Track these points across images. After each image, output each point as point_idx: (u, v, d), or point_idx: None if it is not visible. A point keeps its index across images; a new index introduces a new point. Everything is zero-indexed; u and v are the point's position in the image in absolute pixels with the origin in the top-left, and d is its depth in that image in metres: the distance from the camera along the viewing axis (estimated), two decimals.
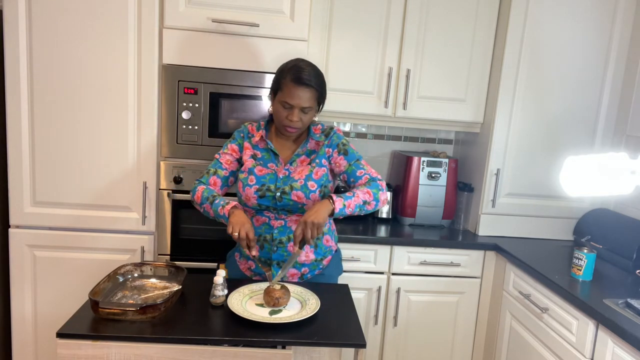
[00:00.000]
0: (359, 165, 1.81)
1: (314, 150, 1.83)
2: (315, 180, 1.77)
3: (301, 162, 1.81)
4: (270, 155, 1.82)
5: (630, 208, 2.45)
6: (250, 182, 1.77)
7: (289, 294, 1.59)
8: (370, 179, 1.77)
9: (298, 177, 1.77)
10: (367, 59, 2.52)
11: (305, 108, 1.72)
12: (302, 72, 1.71)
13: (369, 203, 1.71)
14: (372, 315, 2.47)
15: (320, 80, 1.76)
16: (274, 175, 1.78)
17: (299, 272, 1.83)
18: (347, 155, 1.81)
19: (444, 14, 2.51)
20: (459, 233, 2.63)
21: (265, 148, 1.83)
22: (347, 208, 1.66)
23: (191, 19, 2.14)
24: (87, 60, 2.11)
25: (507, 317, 2.35)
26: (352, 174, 1.80)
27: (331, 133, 1.84)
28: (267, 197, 1.75)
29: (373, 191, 1.73)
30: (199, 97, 2.20)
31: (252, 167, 1.80)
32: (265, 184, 1.76)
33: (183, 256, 2.28)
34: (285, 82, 1.72)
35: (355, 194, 1.70)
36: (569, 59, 2.49)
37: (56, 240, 2.21)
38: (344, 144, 1.83)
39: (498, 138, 2.54)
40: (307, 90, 1.71)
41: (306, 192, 1.75)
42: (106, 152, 2.18)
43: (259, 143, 1.84)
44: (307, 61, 1.78)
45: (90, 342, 1.36)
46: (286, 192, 1.74)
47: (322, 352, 1.51)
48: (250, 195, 1.76)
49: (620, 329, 1.61)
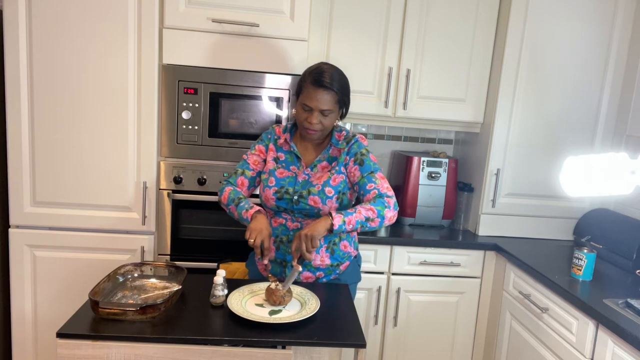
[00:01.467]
0: (371, 179, 1.76)
1: (335, 156, 1.83)
2: (333, 187, 1.77)
3: (322, 168, 1.82)
4: (294, 158, 1.83)
5: (630, 208, 2.45)
6: (270, 183, 1.79)
7: (291, 292, 1.60)
8: (378, 194, 1.73)
9: (316, 182, 1.77)
10: (367, 59, 2.52)
11: (324, 111, 1.73)
12: (322, 75, 1.72)
13: (372, 220, 1.67)
14: (372, 315, 2.47)
15: (342, 84, 1.76)
16: (293, 179, 1.79)
17: (314, 275, 1.83)
18: (362, 166, 1.78)
19: (444, 14, 2.51)
20: (459, 233, 2.63)
21: (289, 151, 1.84)
22: (347, 224, 1.64)
23: (191, 19, 2.14)
24: (87, 60, 2.11)
25: (507, 317, 2.35)
26: (362, 187, 1.76)
27: (352, 141, 1.82)
28: (285, 200, 1.77)
29: (377, 208, 1.68)
30: (199, 97, 2.20)
31: (274, 169, 1.82)
32: (284, 187, 1.78)
33: (183, 256, 2.28)
34: (305, 84, 1.74)
35: (357, 210, 1.67)
36: (569, 59, 2.49)
37: (56, 240, 2.21)
38: (363, 154, 1.79)
39: (498, 138, 2.54)
40: (326, 92, 1.71)
41: (323, 198, 1.75)
42: (106, 152, 2.18)
43: (283, 145, 1.85)
44: (330, 64, 1.79)
45: (90, 342, 1.36)
46: (304, 196, 1.76)
47: (322, 352, 1.51)
48: (269, 196, 1.78)
49: (620, 329, 1.61)
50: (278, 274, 1.83)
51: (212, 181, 2.25)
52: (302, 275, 1.82)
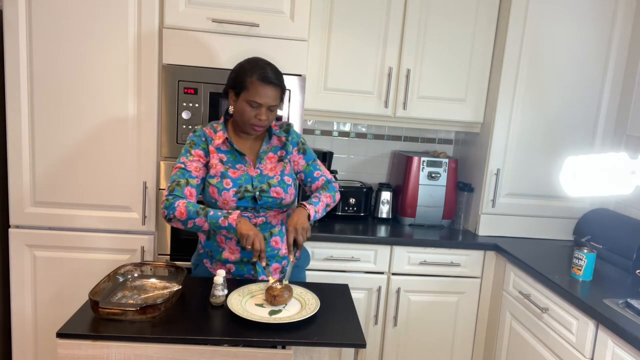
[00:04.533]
0: (316, 166, 1.90)
1: (278, 146, 1.86)
2: (289, 175, 1.83)
3: (269, 159, 1.83)
4: (236, 156, 1.80)
5: (630, 208, 2.46)
6: (226, 185, 1.75)
7: (291, 290, 1.60)
8: (326, 180, 1.89)
9: (273, 173, 1.80)
10: (367, 59, 2.52)
11: (272, 106, 1.74)
12: (267, 71, 1.71)
13: (329, 205, 1.84)
14: (372, 315, 2.47)
15: (282, 77, 1.77)
16: (247, 176, 1.78)
17: (280, 265, 1.85)
18: (305, 154, 1.89)
19: (444, 14, 2.51)
20: (459, 233, 2.63)
21: (229, 150, 1.80)
22: (317, 213, 1.76)
23: (191, 19, 2.14)
24: (87, 60, 2.11)
25: (507, 317, 2.35)
26: (309, 174, 1.89)
27: (290, 129, 1.88)
28: (246, 198, 1.76)
29: (332, 194, 1.85)
30: (199, 97, 2.20)
31: (225, 170, 1.76)
32: (242, 185, 1.76)
33: (183, 256, 2.28)
34: (251, 80, 1.70)
35: (320, 199, 1.80)
36: (569, 59, 2.49)
37: (56, 240, 2.21)
38: (303, 142, 1.90)
39: (498, 138, 2.54)
40: (274, 89, 1.72)
41: (284, 187, 1.79)
42: (106, 152, 2.18)
43: (221, 145, 1.79)
44: (265, 59, 1.78)
45: (90, 342, 1.36)
46: (264, 190, 1.77)
47: (322, 352, 1.51)
48: (229, 198, 1.74)
49: (620, 329, 1.61)
50: (246, 273, 1.82)
51: None
52: (272, 266, 1.83)
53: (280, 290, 1.56)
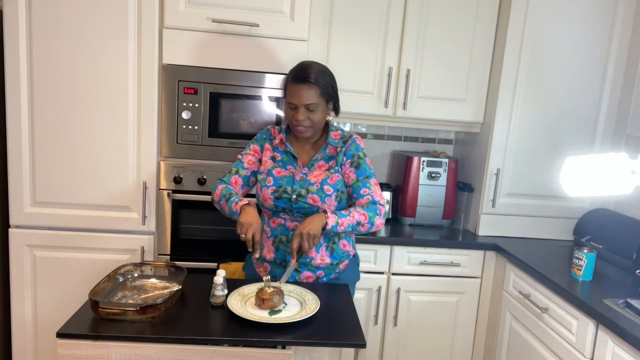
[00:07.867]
0: (366, 184, 1.78)
1: (332, 156, 1.83)
2: (331, 185, 1.77)
3: (319, 167, 1.81)
4: (290, 158, 1.83)
5: (630, 208, 2.45)
6: (268, 183, 1.79)
7: (282, 294, 1.56)
8: (371, 201, 1.76)
9: (314, 180, 1.77)
10: (367, 59, 2.52)
11: (309, 105, 1.72)
12: (301, 71, 1.73)
13: (362, 225, 1.71)
14: (372, 315, 2.47)
15: (324, 77, 1.75)
16: (291, 178, 1.79)
17: (314, 275, 1.83)
18: (358, 169, 1.80)
19: (444, 13, 2.51)
20: (459, 233, 2.63)
21: (285, 151, 1.84)
22: (339, 226, 1.66)
23: (191, 19, 2.14)
24: (87, 60, 2.11)
25: (507, 317, 2.35)
26: (356, 190, 1.78)
27: (349, 141, 1.82)
28: (283, 199, 1.76)
29: (369, 214, 1.72)
30: (199, 97, 2.20)
31: (271, 168, 1.82)
32: (282, 186, 1.77)
33: (183, 256, 2.28)
34: (288, 83, 1.77)
35: (351, 213, 1.70)
36: (569, 59, 2.49)
37: (56, 240, 2.21)
38: (360, 157, 1.81)
39: (498, 138, 2.54)
40: (307, 87, 1.71)
41: (322, 196, 1.75)
42: (106, 152, 2.18)
43: (279, 146, 1.85)
44: (311, 61, 1.80)
45: (90, 342, 1.36)
46: (302, 195, 1.75)
47: (322, 352, 1.51)
48: (267, 196, 1.78)
49: (620, 329, 1.61)
50: (279, 275, 1.81)
51: (212, 181, 2.25)
52: (303, 274, 1.82)
53: (270, 294, 1.54)
